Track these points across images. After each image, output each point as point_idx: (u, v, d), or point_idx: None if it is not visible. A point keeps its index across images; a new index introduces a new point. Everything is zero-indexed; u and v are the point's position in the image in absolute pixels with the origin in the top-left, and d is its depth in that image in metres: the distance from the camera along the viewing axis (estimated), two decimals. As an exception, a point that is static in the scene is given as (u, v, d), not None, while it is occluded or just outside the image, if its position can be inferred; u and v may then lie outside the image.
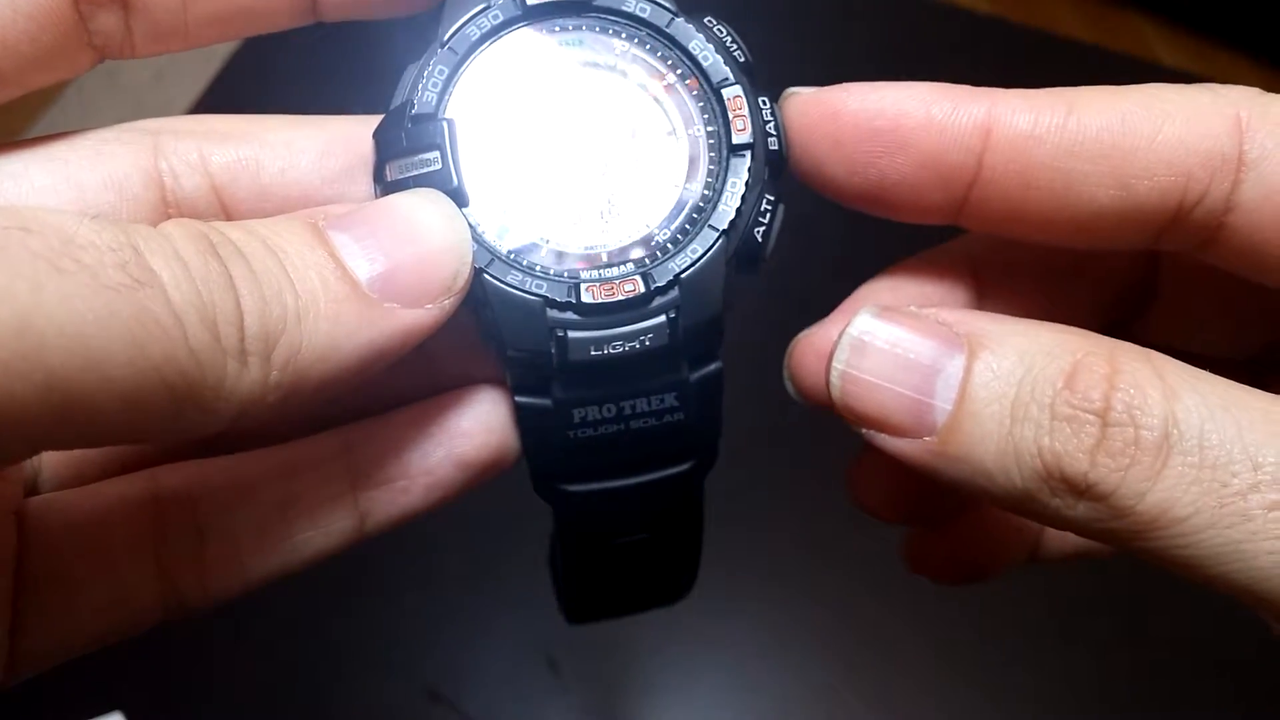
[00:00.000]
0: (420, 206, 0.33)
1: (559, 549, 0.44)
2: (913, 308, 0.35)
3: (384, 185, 0.36)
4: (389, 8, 0.38)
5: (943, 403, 0.32)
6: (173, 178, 0.36)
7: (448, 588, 0.83)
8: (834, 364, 0.35)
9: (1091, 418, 0.29)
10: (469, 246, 0.34)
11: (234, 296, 0.28)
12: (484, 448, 0.39)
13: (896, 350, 0.33)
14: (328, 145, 0.38)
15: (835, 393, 0.35)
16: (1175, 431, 0.28)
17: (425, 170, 0.35)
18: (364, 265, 0.31)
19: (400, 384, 0.40)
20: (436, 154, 0.35)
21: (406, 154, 0.36)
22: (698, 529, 0.44)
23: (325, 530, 0.38)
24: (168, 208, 0.36)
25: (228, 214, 0.37)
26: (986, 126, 0.34)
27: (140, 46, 0.36)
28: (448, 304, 0.33)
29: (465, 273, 0.34)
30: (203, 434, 0.29)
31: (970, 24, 1.15)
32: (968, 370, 0.32)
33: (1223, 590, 0.29)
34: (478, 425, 0.39)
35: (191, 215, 0.37)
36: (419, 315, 0.32)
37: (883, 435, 0.33)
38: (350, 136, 0.38)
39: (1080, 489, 0.29)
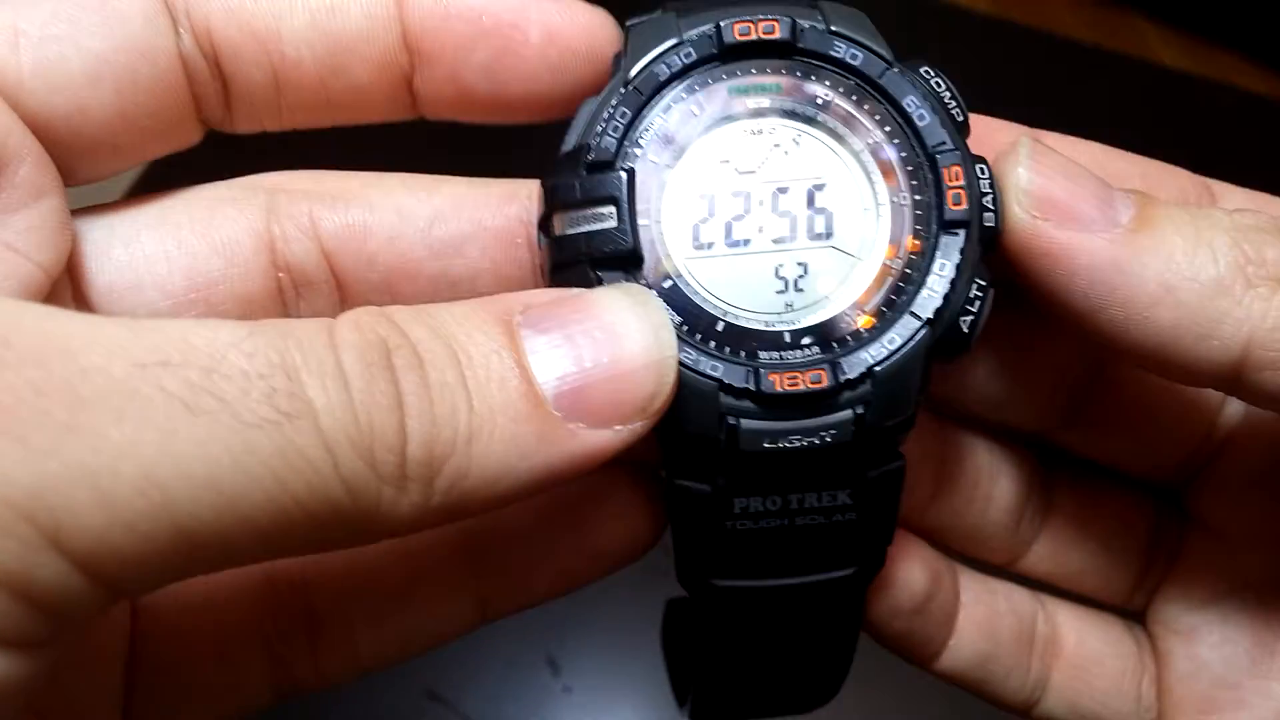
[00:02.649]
0: (626, 309, 0.30)
1: (694, 641, 0.40)
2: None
3: (552, 239, 0.33)
4: (490, 116, 0.36)
5: (1124, 207, 0.32)
6: (284, 241, 0.35)
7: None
8: (1020, 157, 0.33)
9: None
10: (674, 363, 0.30)
11: (399, 419, 0.26)
12: (617, 538, 0.37)
13: (1070, 162, 0.33)
14: (437, 212, 0.36)
15: (1022, 182, 0.33)
16: None
17: (599, 226, 0.32)
18: (553, 376, 0.28)
19: None
20: (612, 209, 0.32)
21: (579, 205, 0.32)
22: (853, 637, 0.39)
23: (444, 619, 0.37)
24: (278, 271, 0.36)
25: (337, 279, 0.36)
26: None
27: (239, 124, 0.36)
28: (639, 427, 0.29)
29: (665, 394, 0.30)
30: (352, 548, 0.27)
31: (970, 24, 1.14)
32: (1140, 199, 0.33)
33: None
34: (612, 513, 0.37)
35: (301, 280, 0.36)
36: (604, 438, 0.29)
37: (1066, 231, 0.32)
38: (463, 203, 0.36)
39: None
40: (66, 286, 0.34)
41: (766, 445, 0.32)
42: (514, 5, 0.34)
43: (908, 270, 0.33)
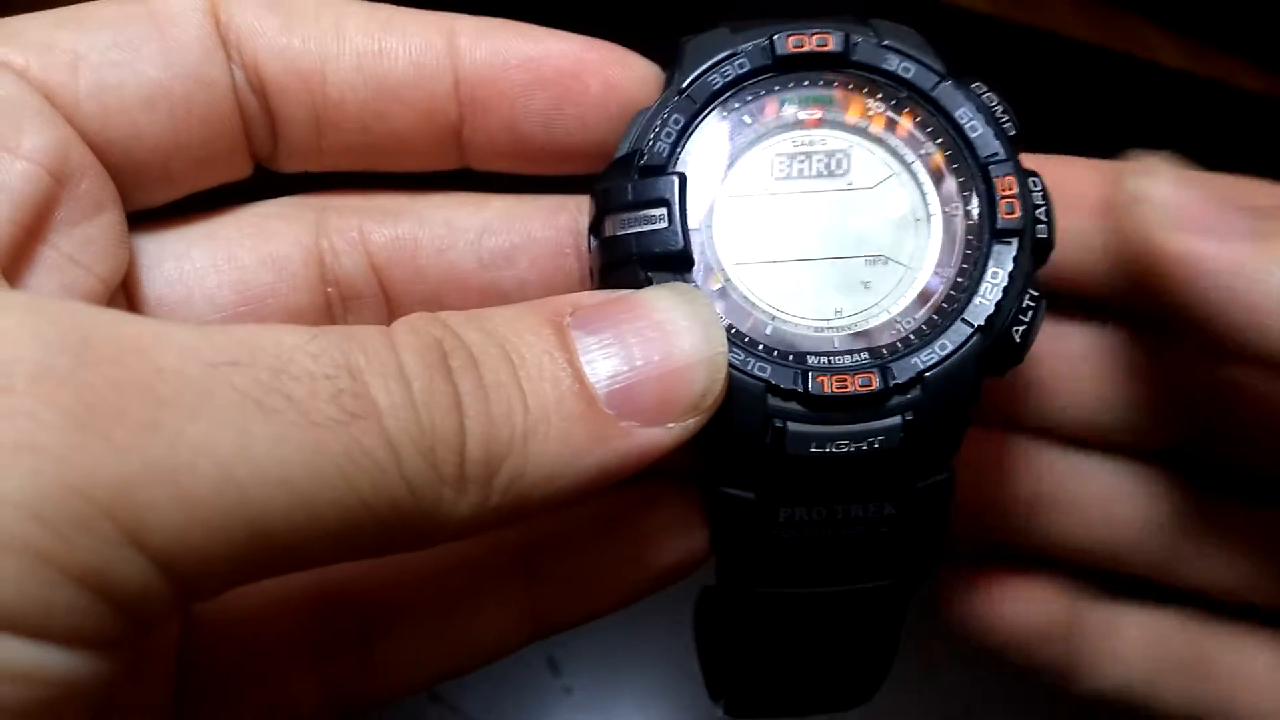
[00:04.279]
0: (675, 307, 0.30)
1: (730, 638, 0.40)
2: None
3: (602, 240, 0.33)
4: (542, 166, 0.36)
5: (1241, 218, 0.32)
6: (333, 255, 0.36)
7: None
8: (1145, 170, 0.34)
9: None
10: (724, 359, 0.30)
11: (458, 420, 0.26)
12: (671, 551, 0.37)
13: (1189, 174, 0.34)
14: (487, 224, 0.36)
15: (1155, 191, 0.33)
16: None
17: (649, 228, 0.32)
18: (605, 375, 0.28)
19: None
20: (664, 211, 0.32)
21: (630, 208, 0.32)
22: (894, 639, 0.39)
23: (498, 633, 0.36)
24: (326, 285, 0.36)
25: (385, 292, 0.36)
26: None
27: (283, 162, 0.36)
28: (691, 424, 0.29)
29: (717, 390, 0.30)
30: (414, 550, 0.27)
31: (970, 24, 1.14)
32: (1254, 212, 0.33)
33: None
34: (666, 528, 0.37)
35: (349, 293, 0.36)
36: (658, 436, 0.29)
37: (1196, 238, 0.32)
38: (512, 215, 0.36)
39: None
40: (121, 299, 0.34)
41: (814, 450, 0.32)
42: (575, 55, 0.34)
43: (959, 279, 0.33)
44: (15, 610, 0.21)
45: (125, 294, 0.34)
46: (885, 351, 0.33)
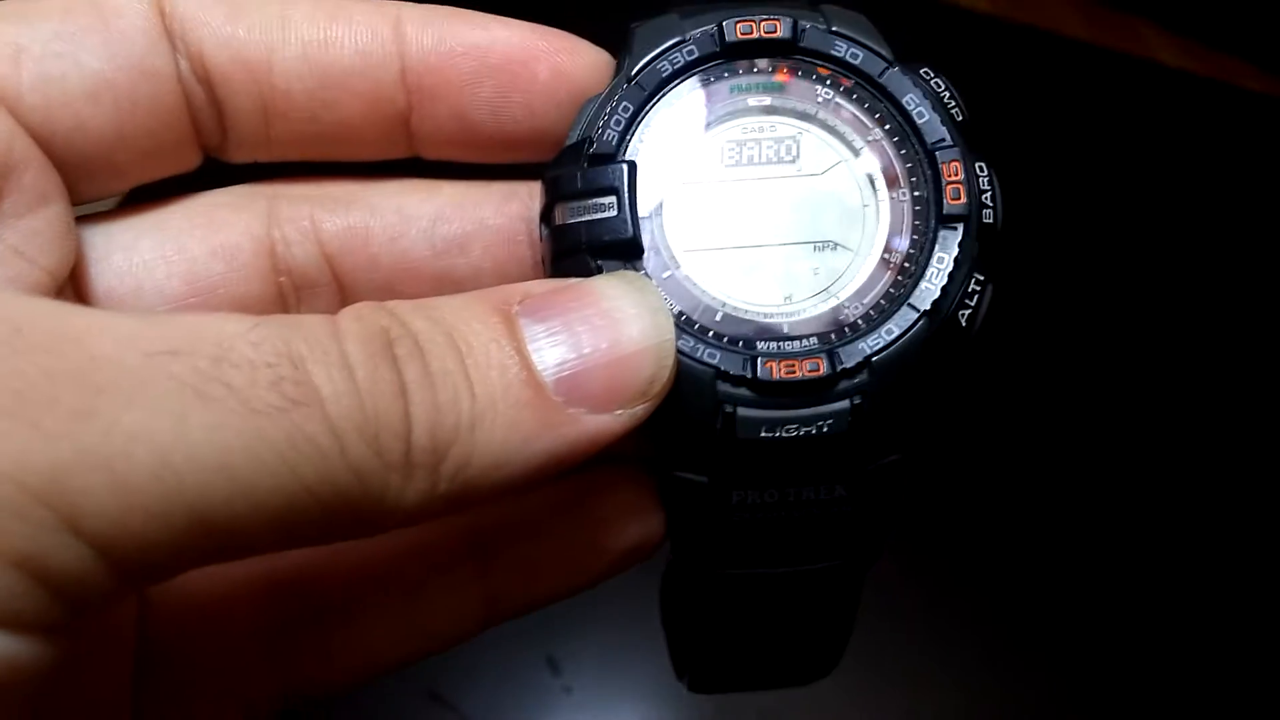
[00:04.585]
0: (623, 295, 0.30)
1: (693, 616, 0.40)
2: None
3: (552, 228, 0.33)
4: (491, 155, 0.37)
5: None
6: (284, 245, 0.36)
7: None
8: None
9: None
10: (672, 346, 0.30)
11: (403, 406, 0.26)
12: (627, 536, 0.37)
13: None
14: (440, 211, 0.36)
15: None
16: None
17: (599, 216, 0.33)
18: (552, 363, 0.28)
19: None
20: (613, 199, 0.33)
21: (580, 196, 0.33)
22: (850, 614, 0.40)
23: (453, 618, 0.37)
24: (279, 275, 0.36)
25: (338, 281, 0.36)
26: None
27: (232, 153, 0.36)
28: (639, 410, 0.30)
29: (664, 377, 0.30)
30: (362, 538, 0.27)
31: (970, 24, 1.14)
32: None
33: None
34: (621, 511, 0.37)
35: (302, 283, 0.36)
36: (605, 422, 0.29)
37: None
38: (464, 203, 0.36)
39: None
40: (69, 293, 0.34)
41: (764, 434, 0.32)
42: (523, 42, 0.35)
43: (906, 264, 0.34)
44: None
45: (74, 288, 0.34)
46: (833, 337, 0.33)
